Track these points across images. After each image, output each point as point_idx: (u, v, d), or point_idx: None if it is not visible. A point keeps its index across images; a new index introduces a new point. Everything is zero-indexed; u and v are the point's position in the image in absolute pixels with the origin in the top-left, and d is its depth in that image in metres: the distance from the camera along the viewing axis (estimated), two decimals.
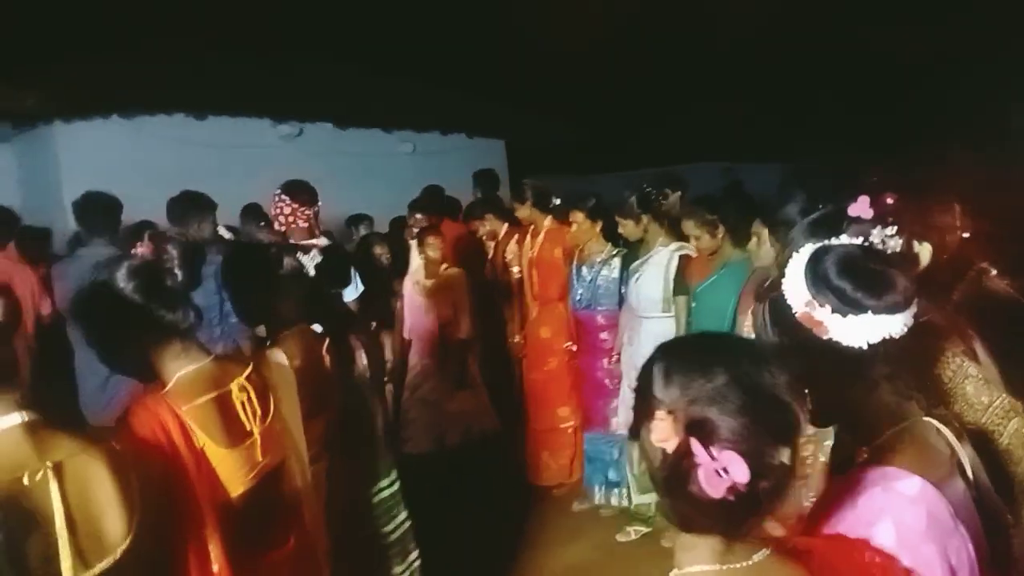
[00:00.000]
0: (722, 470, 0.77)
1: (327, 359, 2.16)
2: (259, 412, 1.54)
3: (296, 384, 1.76)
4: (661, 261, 3.42)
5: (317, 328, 2.17)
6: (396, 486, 2.58)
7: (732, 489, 0.77)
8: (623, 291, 3.65)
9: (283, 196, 2.92)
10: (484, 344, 4.39)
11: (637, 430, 0.88)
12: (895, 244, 1.23)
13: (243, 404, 1.51)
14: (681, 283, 3.35)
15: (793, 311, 1.06)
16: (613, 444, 3.73)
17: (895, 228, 1.16)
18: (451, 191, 5.55)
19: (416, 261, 4.14)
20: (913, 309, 1.04)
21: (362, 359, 2.53)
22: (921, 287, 1.08)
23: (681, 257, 3.39)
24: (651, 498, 3.44)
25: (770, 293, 1.13)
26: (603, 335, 3.74)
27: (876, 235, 1.18)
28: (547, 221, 4.22)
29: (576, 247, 3.90)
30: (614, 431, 3.67)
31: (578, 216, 3.72)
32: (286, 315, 2.04)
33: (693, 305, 3.28)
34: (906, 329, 1.02)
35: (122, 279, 1.39)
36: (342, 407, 2.24)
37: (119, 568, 1.07)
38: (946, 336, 1.58)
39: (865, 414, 1.09)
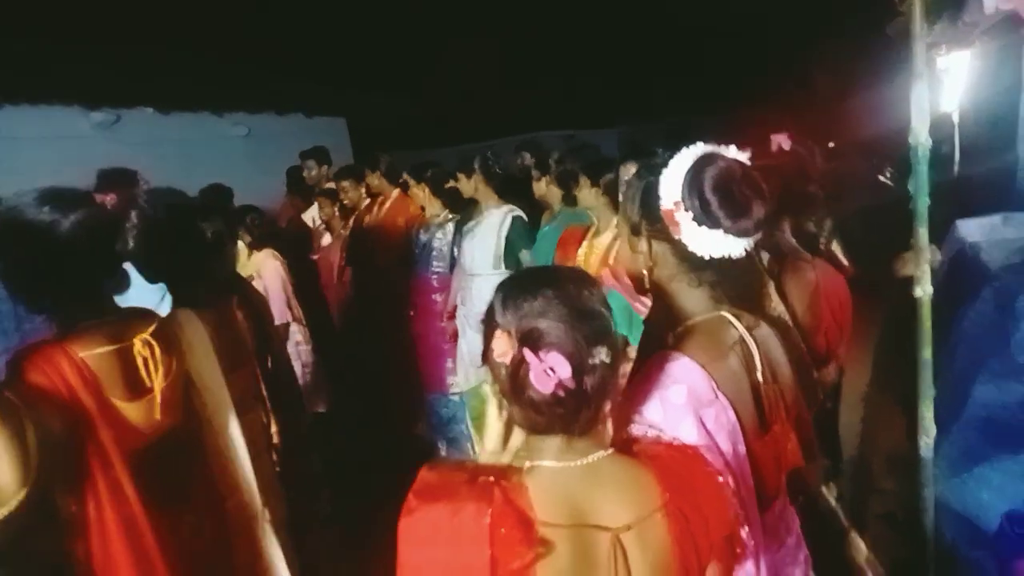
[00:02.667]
0: (549, 369, 0.90)
1: (239, 314, 2.22)
2: (161, 370, 1.56)
3: (211, 340, 1.79)
4: (495, 222, 3.57)
5: None
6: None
7: (561, 386, 0.90)
8: (455, 254, 3.77)
9: None
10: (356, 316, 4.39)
11: (485, 355, 1.00)
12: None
13: (145, 360, 1.52)
14: (518, 243, 3.51)
15: (660, 203, 1.18)
16: (451, 403, 3.85)
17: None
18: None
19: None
20: (757, 237, 1.20)
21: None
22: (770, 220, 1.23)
23: (515, 218, 3.54)
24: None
25: (648, 176, 1.24)
26: (436, 297, 3.87)
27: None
28: (395, 192, 4.39)
29: (418, 215, 4.03)
30: (451, 390, 3.79)
31: (411, 182, 3.88)
32: (191, 274, 2.03)
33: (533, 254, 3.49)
34: (744, 253, 1.18)
35: (81, 220, 1.40)
36: (262, 359, 2.34)
37: (17, 517, 1.09)
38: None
39: (682, 306, 1.25)
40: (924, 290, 2.17)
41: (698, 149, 1.20)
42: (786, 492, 1.33)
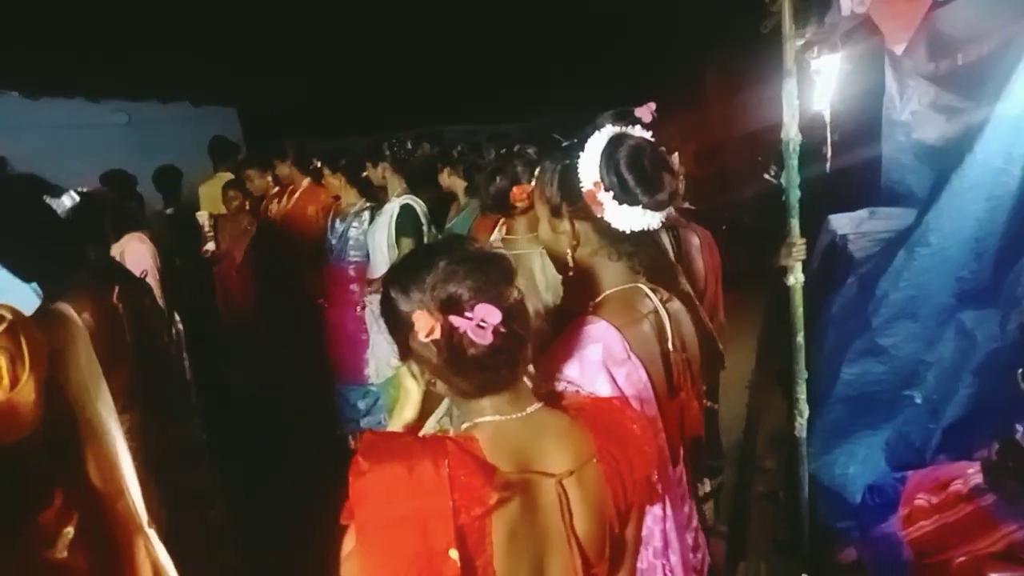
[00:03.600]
0: (481, 321, 0.91)
1: (120, 307, 2.03)
2: (6, 380, 1.38)
3: (90, 338, 1.66)
4: (390, 210, 3.53)
5: None
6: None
7: (496, 332, 0.91)
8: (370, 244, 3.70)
9: None
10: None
11: (406, 349, 0.99)
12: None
13: None
14: (405, 229, 3.48)
15: (581, 185, 1.24)
16: (370, 393, 3.79)
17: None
18: (177, 163, 5.18)
19: None
20: (669, 210, 1.27)
21: (157, 305, 2.40)
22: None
23: (403, 207, 3.50)
24: None
25: (564, 159, 1.29)
26: (353, 287, 3.77)
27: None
28: (305, 181, 4.30)
29: (331, 204, 3.95)
30: (367, 382, 3.72)
31: (325, 171, 3.81)
32: (63, 264, 1.85)
33: None
34: (660, 224, 1.26)
35: None
36: (142, 355, 2.13)
37: None
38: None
39: (603, 279, 1.31)
40: (796, 278, 2.29)
41: (609, 131, 1.26)
42: (685, 461, 1.40)
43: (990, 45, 2.26)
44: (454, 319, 0.92)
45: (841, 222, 3.42)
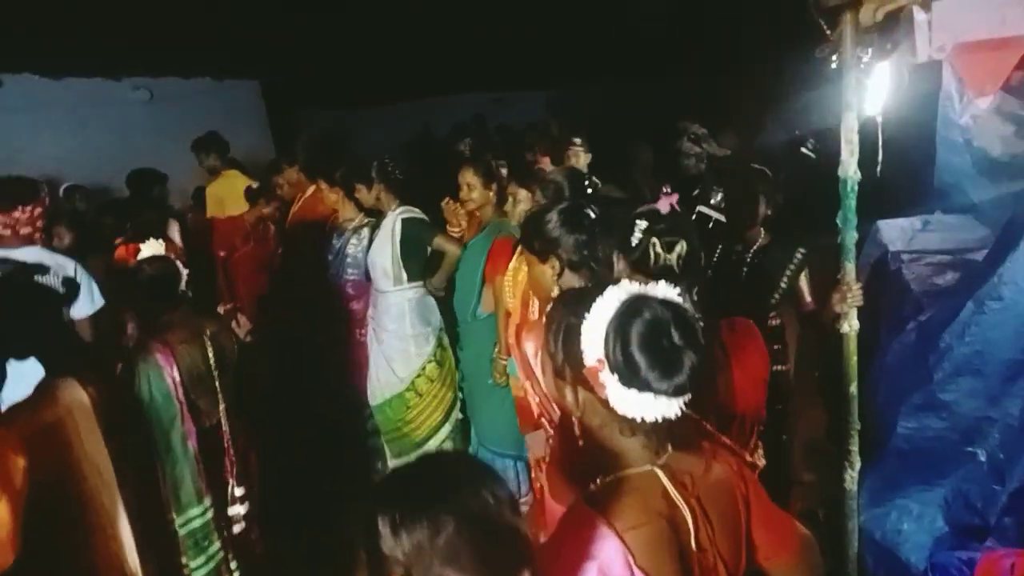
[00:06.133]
0: None
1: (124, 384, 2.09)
2: None
3: (96, 414, 1.68)
4: (388, 227, 3.35)
5: None
6: (208, 515, 2.44)
7: None
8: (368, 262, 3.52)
9: None
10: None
11: None
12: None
13: None
14: (418, 240, 3.32)
15: (583, 356, 1.05)
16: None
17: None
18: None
19: None
20: (692, 392, 1.05)
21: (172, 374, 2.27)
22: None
23: (404, 220, 3.33)
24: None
25: (569, 316, 1.11)
26: (354, 305, 3.64)
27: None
28: (310, 189, 4.12)
29: (328, 215, 3.80)
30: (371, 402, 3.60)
31: (322, 185, 3.63)
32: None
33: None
34: (680, 412, 1.04)
35: None
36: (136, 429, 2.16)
37: None
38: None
39: (613, 455, 1.12)
40: (851, 326, 2.17)
41: (621, 292, 1.06)
42: None
43: None
44: None
45: (892, 233, 3.25)
